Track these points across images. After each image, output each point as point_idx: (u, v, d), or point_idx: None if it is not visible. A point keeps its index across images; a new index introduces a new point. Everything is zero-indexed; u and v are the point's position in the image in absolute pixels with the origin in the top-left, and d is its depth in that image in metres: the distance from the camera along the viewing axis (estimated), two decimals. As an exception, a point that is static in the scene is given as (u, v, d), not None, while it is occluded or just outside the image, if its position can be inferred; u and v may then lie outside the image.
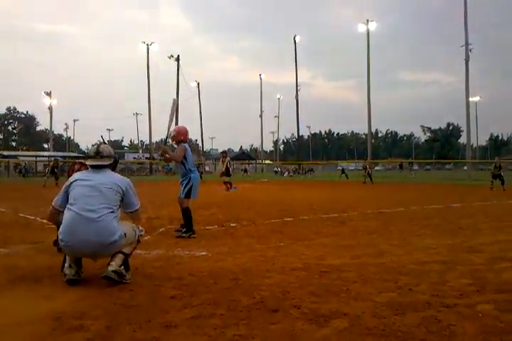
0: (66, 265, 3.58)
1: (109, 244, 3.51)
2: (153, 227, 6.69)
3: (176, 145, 6.57)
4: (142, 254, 4.62)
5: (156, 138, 66.28)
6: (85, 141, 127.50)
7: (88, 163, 3.82)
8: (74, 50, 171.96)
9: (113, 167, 3.96)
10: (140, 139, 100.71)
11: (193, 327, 2.58)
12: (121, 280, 3.52)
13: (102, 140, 3.96)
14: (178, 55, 52.12)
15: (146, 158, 54.97)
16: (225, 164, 18.18)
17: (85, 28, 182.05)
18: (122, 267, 3.58)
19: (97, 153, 3.81)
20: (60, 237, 3.55)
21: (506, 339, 2.37)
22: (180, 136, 6.42)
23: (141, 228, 3.95)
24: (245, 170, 44.50)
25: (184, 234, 6.06)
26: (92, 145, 4.01)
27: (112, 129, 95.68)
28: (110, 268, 3.49)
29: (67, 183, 3.75)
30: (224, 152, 19.83)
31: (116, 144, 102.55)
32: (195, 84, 62.39)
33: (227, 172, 18.22)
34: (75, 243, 3.46)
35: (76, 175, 3.80)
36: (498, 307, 2.89)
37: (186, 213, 6.23)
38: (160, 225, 7.04)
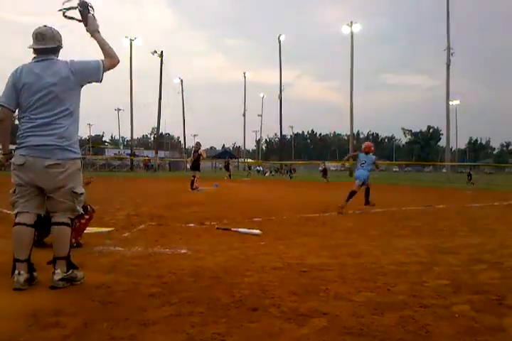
0: (16, 272, 3.20)
1: (58, 147, 3.27)
2: (132, 224, 6.62)
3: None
4: (121, 251, 4.57)
5: (137, 135, 65.71)
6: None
7: (31, 46, 3.41)
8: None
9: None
10: (121, 135, 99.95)
11: (172, 324, 2.56)
12: (73, 282, 3.33)
13: (63, 15, 3.45)
14: (162, 51, 51.88)
15: (127, 154, 54.42)
16: (194, 155, 16.00)
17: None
18: (70, 271, 3.33)
19: (39, 34, 3.38)
20: (17, 142, 3.35)
21: (481, 340, 2.41)
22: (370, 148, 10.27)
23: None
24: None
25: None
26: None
27: (93, 124, 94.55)
28: (56, 277, 3.26)
29: (13, 74, 3.38)
30: (197, 143, 17.14)
31: (96, 139, 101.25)
32: (179, 80, 62.18)
33: (195, 166, 15.91)
34: (27, 145, 3.26)
35: (23, 72, 3.36)
36: (474, 308, 2.94)
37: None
38: (139, 222, 6.98)
